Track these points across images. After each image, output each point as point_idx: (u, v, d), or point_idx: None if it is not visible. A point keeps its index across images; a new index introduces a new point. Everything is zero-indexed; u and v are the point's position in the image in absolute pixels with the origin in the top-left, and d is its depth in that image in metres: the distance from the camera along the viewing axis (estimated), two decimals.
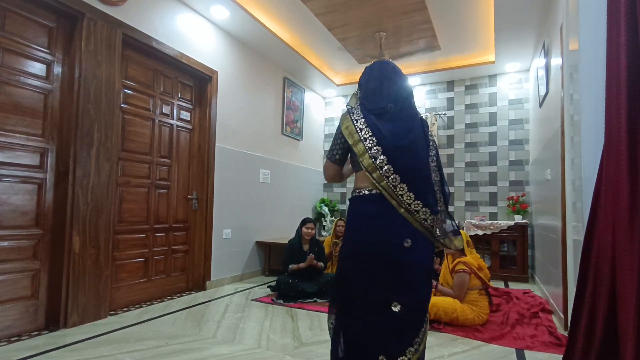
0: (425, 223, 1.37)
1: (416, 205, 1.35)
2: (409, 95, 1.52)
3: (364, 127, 1.42)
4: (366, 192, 1.42)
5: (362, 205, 1.44)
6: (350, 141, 1.43)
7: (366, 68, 1.60)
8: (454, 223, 1.47)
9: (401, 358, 1.30)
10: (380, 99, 1.47)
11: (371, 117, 1.44)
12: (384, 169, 1.36)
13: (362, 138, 1.40)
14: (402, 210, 1.36)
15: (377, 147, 1.38)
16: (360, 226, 1.43)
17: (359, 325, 1.35)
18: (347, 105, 1.59)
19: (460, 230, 2.88)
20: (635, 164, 1.30)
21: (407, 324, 1.33)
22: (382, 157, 1.36)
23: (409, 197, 1.35)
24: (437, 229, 1.41)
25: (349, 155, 1.54)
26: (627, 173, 1.30)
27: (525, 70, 4.84)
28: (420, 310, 1.37)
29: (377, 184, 1.37)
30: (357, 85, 1.66)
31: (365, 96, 1.52)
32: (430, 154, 1.49)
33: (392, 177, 1.35)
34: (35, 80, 2.38)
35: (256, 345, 2.21)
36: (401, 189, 1.35)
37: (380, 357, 1.31)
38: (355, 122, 1.44)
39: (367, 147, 1.39)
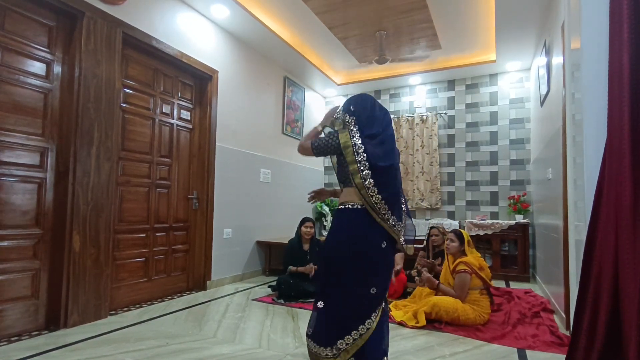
0: (394, 229, 1.74)
1: (388, 216, 1.72)
2: (391, 122, 1.91)
3: (360, 151, 1.73)
4: (358, 207, 1.76)
5: (351, 216, 1.77)
6: (348, 159, 1.74)
7: (352, 97, 1.91)
8: (409, 232, 1.83)
9: (368, 320, 1.71)
10: (374, 124, 1.81)
11: (367, 141, 1.76)
12: (370, 189, 1.69)
13: (358, 161, 1.72)
14: (379, 219, 1.71)
15: (368, 170, 1.71)
16: (350, 232, 1.76)
17: (345, 305, 1.70)
18: (330, 127, 1.89)
19: (461, 230, 2.91)
20: (637, 162, 1.29)
21: (377, 299, 1.75)
22: (371, 180, 1.70)
23: (384, 210, 1.71)
24: (401, 236, 1.78)
25: (337, 169, 1.88)
26: (629, 172, 1.29)
27: (526, 69, 4.83)
28: (386, 290, 1.82)
29: (363, 199, 1.72)
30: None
31: (361, 121, 1.82)
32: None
33: (375, 196, 1.70)
34: (35, 80, 2.37)
35: (257, 345, 2.20)
36: (380, 205, 1.70)
37: (354, 331, 1.68)
38: (354, 145, 1.74)
39: (360, 169, 1.70)
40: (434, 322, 2.59)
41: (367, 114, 1.84)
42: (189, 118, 3.59)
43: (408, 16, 3.78)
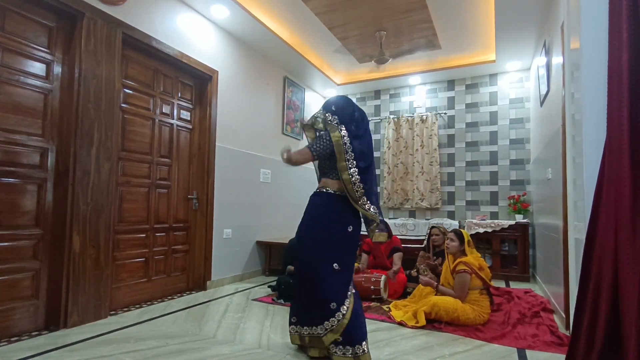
0: (370, 212, 1.98)
1: (368, 206, 1.98)
2: (369, 123, 2.19)
3: (350, 150, 1.95)
4: (331, 192, 2.02)
5: (326, 199, 2.02)
6: (338, 156, 1.95)
7: (332, 98, 2.13)
8: (379, 223, 2.03)
9: (342, 306, 1.92)
10: (354, 125, 2.03)
11: (352, 139, 1.97)
12: (356, 184, 1.94)
13: (347, 159, 1.94)
14: (356, 205, 1.97)
15: (355, 168, 1.94)
16: (322, 212, 2.00)
17: (313, 278, 1.94)
18: (313, 125, 2.17)
19: (462, 230, 2.90)
20: (637, 162, 1.29)
21: (342, 277, 1.96)
22: (357, 176, 1.94)
23: (363, 200, 1.97)
24: (375, 222, 2.01)
25: (322, 162, 2.07)
26: (629, 171, 1.29)
27: (526, 69, 4.83)
28: (351, 268, 2.03)
29: (348, 193, 1.95)
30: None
31: (343, 120, 2.03)
32: None
33: (360, 190, 1.95)
34: (35, 80, 2.37)
35: (257, 345, 2.21)
36: (360, 194, 1.96)
37: (332, 304, 1.90)
38: (345, 144, 1.95)
39: (348, 167, 1.93)
40: (434, 322, 2.59)
41: (348, 115, 2.05)
42: (188, 118, 3.60)
43: (408, 16, 3.78)
